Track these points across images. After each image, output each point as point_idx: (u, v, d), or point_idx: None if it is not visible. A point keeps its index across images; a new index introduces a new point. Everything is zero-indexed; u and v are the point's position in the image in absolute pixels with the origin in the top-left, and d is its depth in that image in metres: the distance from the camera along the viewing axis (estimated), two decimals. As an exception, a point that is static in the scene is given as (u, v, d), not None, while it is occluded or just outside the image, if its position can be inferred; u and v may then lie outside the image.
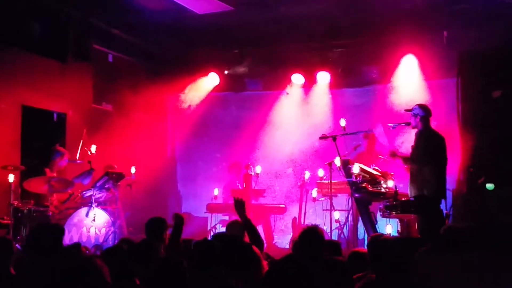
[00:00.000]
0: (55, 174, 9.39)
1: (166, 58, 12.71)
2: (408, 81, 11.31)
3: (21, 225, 8.57)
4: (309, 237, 5.30)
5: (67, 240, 8.71)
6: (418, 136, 8.31)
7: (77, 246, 5.31)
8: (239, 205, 6.25)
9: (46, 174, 9.23)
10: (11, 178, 8.54)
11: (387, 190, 8.73)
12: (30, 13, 9.99)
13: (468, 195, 9.84)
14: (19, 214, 8.61)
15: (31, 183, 8.87)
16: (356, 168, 8.79)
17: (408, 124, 8.60)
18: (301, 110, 12.41)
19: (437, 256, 4.85)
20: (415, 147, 8.31)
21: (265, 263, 5.52)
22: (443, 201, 8.29)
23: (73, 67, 10.72)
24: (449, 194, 8.80)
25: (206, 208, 11.12)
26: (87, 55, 11.07)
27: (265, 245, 10.65)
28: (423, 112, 8.27)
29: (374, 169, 9.12)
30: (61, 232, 5.42)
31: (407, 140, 10.24)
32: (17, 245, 7.51)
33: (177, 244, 6.21)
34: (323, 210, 10.05)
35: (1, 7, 9.35)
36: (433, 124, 8.46)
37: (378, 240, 5.01)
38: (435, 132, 8.32)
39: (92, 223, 9.09)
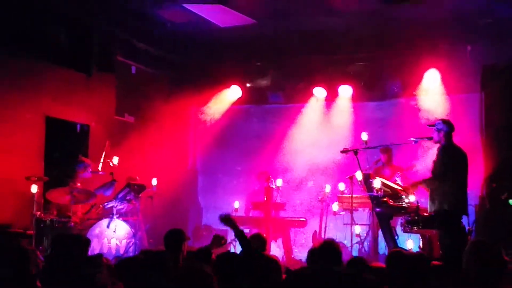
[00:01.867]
0: (78, 185, 9.45)
1: (188, 71, 12.78)
2: (431, 95, 11.25)
3: (43, 235, 8.64)
4: (327, 250, 5.29)
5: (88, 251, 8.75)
6: (441, 151, 8.23)
7: (99, 257, 5.31)
8: (229, 221, 6.07)
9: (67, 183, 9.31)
10: (34, 188, 8.62)
11: (409, 204, 8.65)
12: (56, 25, 10.11)
13: (491, 211, 9.72)
14: (42, 225, 8.68)
15: (53, 194, 8.94)
16: (377, 182, 8.73)
17: (430, 138, 8.52)
18: (323, 123, 12.39)
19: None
20: (436, 162, 8.23)
21: (284, 277, 5.52)
22: (465, 216, 8.19)
23: (96, 78, 10.82)
24: (471, 210, 8.72)
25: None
26: (111, 67, 11.17)
27: (284, 258, 10.70)
28: (447, 127, 8.20)
29: (395, 183, 9.06)
30: (87, 244, 5.45)
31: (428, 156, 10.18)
32: (39, 254, 7.56)
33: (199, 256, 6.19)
34: (343, 224, 10.00)
35: (27, 19, 9.48)
36: (456, 139, 8.38)
37: (396, 256, 4.99)
38: (457, 148, 8.24)
39: (113, 235, 9.13)
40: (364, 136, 9.23)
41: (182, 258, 6.21)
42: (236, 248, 10.31)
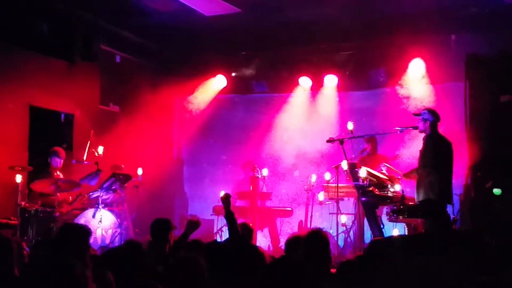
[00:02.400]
0: (60, 175, 9.38)
1: (173, 60, 12.71)
2: (416, 85, 11.30)
3: (28, 225, 8.59)
4: (315, 240, 5.29)
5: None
6: (426, 140, 8.29)
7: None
8: (226, 199, 6.30)
9: (50, 173, 9.25)
10: (18, 178, 8.55)
11: (394, 194, 8.72)
12: (38, 14, 10.01)
13: (475, 200, 9.80)
14: (26, 215, 8.63)
15: (38, 184, 8.89)
16: (363, 172, 8.77)
17: (415, 128, 8.58)
18: (308, 113, 12.40)
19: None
20: (422, 152, 8.29)
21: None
22: (450, 206, 8.26)
23: (80, 67, 10.73)
24: (456, 199, 8.79)
25: (213, 210, 11.12)
26: (94, 55, 11.06)
27: (271, 248, 10.73)
28: (432, 117, 8.26)
29: (381, 172, 9.10)
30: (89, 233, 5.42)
31: (413, 145, 10.23)
32: (24, 245, 7.51)
33: (182, 245, 6.19)
34: (329, 213, 10.04)
35: (9, 8, 9.37)
36: (441, 128, 8.44)
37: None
38: (442, 137, 8.31)
39: (99, 224, 9.10)
40: (350, 126, 9.25)
41: (169, 247, 6.21)
42: (222, 237, 10.34)
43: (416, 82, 11.31)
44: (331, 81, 12.05)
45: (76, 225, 5.91)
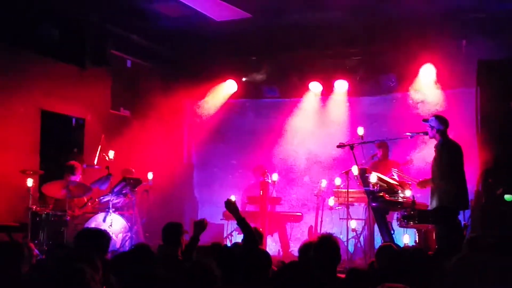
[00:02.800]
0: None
1: (184, 65, 12.75)
2: (427, 90, 11.27)
3: (39, 229, 8.62)
4: (325, 245, 5.28)
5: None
6: (439, 149, 8.26)
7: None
8: (231, 206, 6.08)
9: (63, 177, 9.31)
10: (29, 182, 8.60)
11: (405, 199, 8.69)
12: (49, 19, 10.06)
13: (486, 206, 9.75)
14: (37, 219, 8.66)
15: (49, 188, 8.93)
16: (373, 177, 8.75)
17: (426, 133, 8.55)
18: (319, 118, 12.40)
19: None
20: (436, 161, 8.26)
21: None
22: (461, 212, 8.22)
23: (91, 72, 10.78)
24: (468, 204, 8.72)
25: (223, 215, 11.10)
26: (105, 60, 11.11)
27: (281, 253, 10.71)
28: (440, 125, 8.22)
29: (392, 178, 9.08)
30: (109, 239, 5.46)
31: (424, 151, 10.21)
32: (35, 249, 7.54)
33: (194, 247, 6.19)
34: (339, 218, 10.00)
35: (21, 13, 9.43)
36: (451, 133, 8.40)
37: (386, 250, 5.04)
38: (453, 143, 8.26)
39: (109, 229, 9.10)
40: (360, 131, 9.24)
41: (180, 251, 6.20)
42: (232, 242, 10.32)
43: (427, 87, 11.29)
44: (341, 86, 12.04)
45: (97, 230, 5.95)
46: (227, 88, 12.80)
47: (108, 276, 4.34)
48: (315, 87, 12.24)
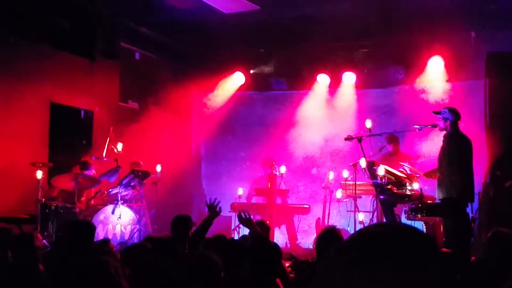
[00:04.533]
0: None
1: (192, 57, 12.77)
2: (435, 82, 11.25)
3: (48, 221, 8.68)
4: (327, 237, 5.32)
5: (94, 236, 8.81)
6: (448, 139, 8.21)
7: (105, 242, 5.35)
8: (247, 221, 5.73)
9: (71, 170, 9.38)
10: (39, 174, 8.65)
11: (412, 192, 8.68)
12: (60, 11, 10.11)
13: (494, 198, 9.74)
14: (47, 210, 8.73)
15: (58, 180, 8.99)
16: (381, 170, 8.75)
17: (434, 126, 8.52)
18: (326, 110, 12.39)
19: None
20: (443, 150, 8.22)
21: (287, 263, 5.56)
22: (469, 204, 8.20)
23: (100, 65, 10.82)
24: (475, 198, 8.71)
25: (230, 208, 11.12)
26: (115, 53, 11.16)
27: (288, 245, 10.74)
28: (453, 116, 8.18)
29: (400, 171, 9.07)
30: (93, 229, 5.48)
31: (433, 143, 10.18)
32: (44, 241, 7.61)
33: (205, 232, 6.15)
34: (347, 211, 10.01)
35: (31, 6, 9.47)
36: (460, 126, 8.38)
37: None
38: (463, 135, 8.23)
39: (118, 221, 9.18)
40: (368, 124, 9.22)
41: (188, 242, 6.21)
42: (239, 234, 10.36)
43: (436, 79, 11.26)
44: (349, 78, 12.03)
45: (82, 222, 5.99)
46: (235, 80, 12.81)
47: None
48: (323, 79, 12.23)
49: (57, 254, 5.36)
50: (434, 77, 11.28)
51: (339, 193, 10.17)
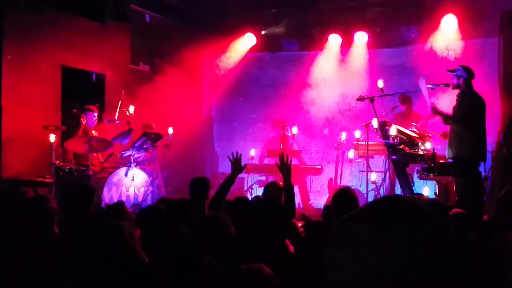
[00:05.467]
0: (95, 134, 9.56)
1: (203, 19, 12.67)
2: (448, 41, 11.11)
3: (62, 184, 8.76)
4: (343, 197, 5.35)
5: (107, 199, 8.91)
6: (460, 97, 8.14)
7: (120, 204, 5.37)
8: (286, 169, 5.83)
9: (84, 133, 9.41)
10: (52, 138, 8.70)
11: (425, 152, 8.67)
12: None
13: (507, 157, 9.69)
14: (61, 173, 8.80)
15: (71, 143, 9.05)
16: (393, 130, 8.73)
17: (447, 85, 8.45)
18: (338, 70, 12.31)
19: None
20: (456, 108, 8.16)
21: (299, 223, 5.59)
22: (482, 163, 8.17)
23: (111, 27, 10.75)
24: (488, 156, 8.67)
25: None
26: (124, 15, 11.08)
27: (301, 205, 10.79)
28: (467, 74, 8.10)
29: (412, 130, 9.05)
30: (92, 192, 5.49)
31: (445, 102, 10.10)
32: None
33: (223, 199, 6.13)
34: (359, 171, 10.02)
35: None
36: (474, 84, 8.30)
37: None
38: (476, 94, 8.16)
39: (131, 183, 9.25)
40: (380, 84, 9.17)
41: (207, 205, 6.21)
42: (252, 195, 10.42)
43: (449, 38, 11.11)
44: (361, 38, 11.91)
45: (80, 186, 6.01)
46: (246, 41, 12.72)
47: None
48: (335, 39, 12.12)
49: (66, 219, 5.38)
50: (448, 36, 11.13)
51: (351, 154, 10.17)
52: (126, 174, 9.25)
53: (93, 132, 9.67)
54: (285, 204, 5.46)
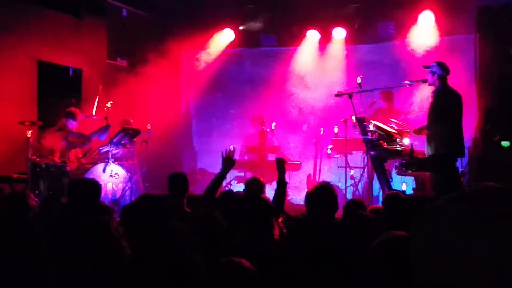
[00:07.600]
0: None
1: (180, 13, 12.60)
2: (425, 37, 11.18)
3: (39, 179, 8.67)
4: (322, 193, 5.34)
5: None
6: (435, 94, 8.20)
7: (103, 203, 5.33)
8: (281, 165, 6.13)
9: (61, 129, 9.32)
10: (28, 133, 8.60)
11: (403, 148, 8.71)
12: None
13: (484, 153, 9.80)
14: (37, 169, 8.71)
15: (48, 139, 8.95)
16: (371, 126, 8.76)
17: (424, 81, 8.49)
18: (316, 66, 12.33)
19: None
20: (432, 105, 8.22)
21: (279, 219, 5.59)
22: (459, 159, 8.24)
23: (87, 22, 10.69)
24: (465, 152, 8.76)
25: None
26: (101, 10, 11.00)
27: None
28: (441, 70, 8.14)
29: (390, 126, 9.10)
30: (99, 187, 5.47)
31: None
32: (36, 199, 7.60)
33: (219, 184, 6.11)
34: (338, 167, 10.08)
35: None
36: (450, 80, 8.35)
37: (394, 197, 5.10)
38: (452, 90, 8.21)
39: (109, 179, 9.18)
40: (359, 79, 9.20)
41: (186, 201, 6.19)
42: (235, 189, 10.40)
43: (426, 34, 11.18)
44: (339, 34, 11.94)
45: (87, 180, 5.97)
46: (224, 37, 12.68)
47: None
48: (313, 35, 12.14)
49: (55, 214, 5.31)
50: (425, 32, 11.20)
51: (330, 149, 10.21)
52: (104, 170, 9.17)
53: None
54: (275, 199, 5.52)
